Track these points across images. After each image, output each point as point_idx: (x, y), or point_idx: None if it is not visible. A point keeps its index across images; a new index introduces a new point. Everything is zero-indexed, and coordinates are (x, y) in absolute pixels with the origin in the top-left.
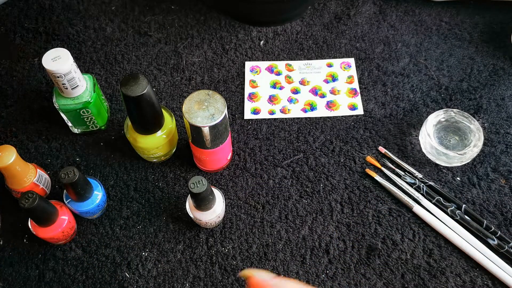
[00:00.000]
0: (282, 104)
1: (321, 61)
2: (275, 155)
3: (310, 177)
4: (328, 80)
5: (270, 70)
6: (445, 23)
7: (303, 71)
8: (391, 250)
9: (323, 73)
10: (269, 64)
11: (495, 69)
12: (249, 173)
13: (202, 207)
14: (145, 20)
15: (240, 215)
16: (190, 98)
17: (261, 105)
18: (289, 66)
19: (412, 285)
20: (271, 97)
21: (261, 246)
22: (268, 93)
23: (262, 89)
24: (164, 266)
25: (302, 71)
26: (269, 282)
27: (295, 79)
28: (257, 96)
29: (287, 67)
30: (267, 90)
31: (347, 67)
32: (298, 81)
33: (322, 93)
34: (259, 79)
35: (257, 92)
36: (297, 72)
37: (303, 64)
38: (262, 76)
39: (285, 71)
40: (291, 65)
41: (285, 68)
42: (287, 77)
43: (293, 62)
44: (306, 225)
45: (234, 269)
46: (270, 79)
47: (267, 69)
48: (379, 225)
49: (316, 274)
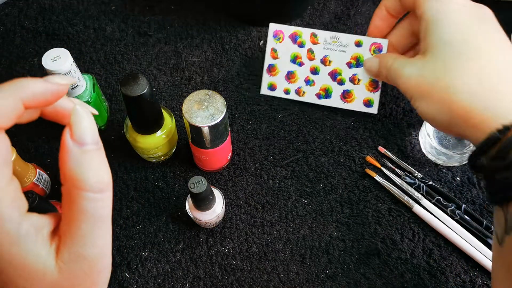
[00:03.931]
0: (298, 84)
1: (350, 36)
2: (274, 155)
3: (310, 177)
4: (352, 64)
5: (293, 38)
6: None
7: (328, 46)
8: (391, 250)
9: (348, 53)
10: (294, 30)
11: None
12: (248, 173)
13: (202, 207)
14: (145, 20)
15: (240, 215)
16: (190, 98)
17: (278, 81)
18: (314, 37)
19: (411, 285)
20: (289, 73)
21: (261, 246)
22: (287, 68)
23: (282, 62)
24: (164, 266)
25: (327, 45)
26: None
27: (318, 55)
28: (275, 70)
29: (312, 38)
30: (286, 64)
31: (377, 51)
32: (320, 59)
33: (341, 79)
34: (281, 48)
35: (277, 65)
36: (321, 47)
37: (329, 36)
38: (284, 45)
39: (309, 43)
40: (317, 35)
41: (309, 39)
42: (310, 51)
43: (320, 32)
44: (306, 225)
45: (234, 269)
46: (292, 51)
47: (290, 36)
48: (379, 225)
49: (316, 274)
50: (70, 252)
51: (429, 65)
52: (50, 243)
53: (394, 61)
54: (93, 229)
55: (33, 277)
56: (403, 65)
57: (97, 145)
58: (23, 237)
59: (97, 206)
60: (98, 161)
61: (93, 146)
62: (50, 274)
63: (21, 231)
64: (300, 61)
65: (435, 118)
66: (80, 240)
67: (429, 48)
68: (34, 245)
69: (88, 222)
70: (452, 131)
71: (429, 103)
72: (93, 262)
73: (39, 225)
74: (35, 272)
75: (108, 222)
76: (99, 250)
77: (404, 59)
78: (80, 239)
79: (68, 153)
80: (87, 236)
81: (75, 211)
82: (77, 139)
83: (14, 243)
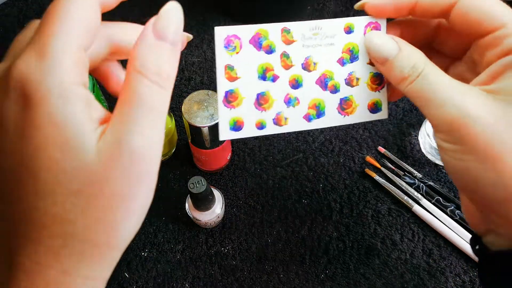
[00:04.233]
0: (275, 110)
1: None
2: (274, 155)
3: (310, 177)
4: (345, 59)
5: (256, 43)
6: None
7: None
8: (391, 250)
9: (338, 46)
10: (255, 31)
11: None
12: (248, 173)
13: (202, 207)
14: (145, 19)
15: (239, 215)
16: (190, 98)
17: (245, 114)
18: (287, 34)
19: (411, 285)
20: (260, 97)
21: (261, 246)
22: (254, 91)
23: (245, 84)
24: (163, 266)
25: (306, 42)
26: None
27: (296, 59)
28: (237, 97)
29: (284, 36)
30: (253, 84)
31: None
32: (301, 64)
33: (334, 85)
34: (240, 62)
35: (238, 89)
36: (299, 45)
37: (308, 28)
38: (244, 56)
39: (281, 44)
40: (290, 30)
41: (280, 38)
42: (284, 56)
43: (293, 25)
44: (306, 225)
45: (233, 269)
46: (258, 62)
47: (252, 41)
48: (379, 225)
49: (316, 274)
50: (114, 133)
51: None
52: (98, 124)
53: (429, 71)
54: (144, 117)
55: (68, 148)
56: (452, 89)
57: (173, 45)
58: (74, 99)
59: (153, 96)
60: (166, 58)
61: (168, 44)
62: (86, 153)
63: (75, 93)
64: (272, 74)
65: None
66: (128, 124)
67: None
68: (82, 114)
69: (141, 108)
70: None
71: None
72: (135, 156)
73: (92, 100)
74: (73, 143)
75: (161, 122)
76: (145, 143)
77: (447, 77)
78: (128, 123)
79: (143, 39)
80: (137, 122)
81: (130, 94)
82: (158, 30)
83: (65, 100)
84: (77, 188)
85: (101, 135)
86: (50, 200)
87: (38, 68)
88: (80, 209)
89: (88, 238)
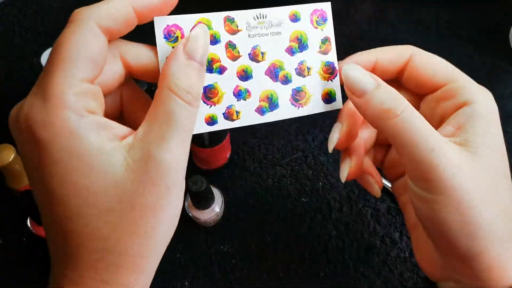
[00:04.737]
0: (225, 103)
1: (281, 9)
2: (274, 153)
3: (309, 176)
4: (294, 48)
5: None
6: (444, 22)
7: (254, 31)
8: (390, 248)
9: (285, 34)
10: (197, 20)
11: (494, 67)
12: (248, 172)
13: (201, 205)
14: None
15: (239, 214)
16: None
17: None
18: (231, 23)
19: (410, 283)
20: (208, 90)
21: (260, 244)
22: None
23: None
24: (163, 265)
25: (252, 31)
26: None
27: (243, 49)
28: None
29: (227, 26)
30: None
31: (321, 21)
32: (248, 54)
33: (285, 75)
34: None
35: None
36: (245, 35)
37: (252, 16)
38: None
39: (225, 34)
40: (234, 20)
41: (224, 28)
42: (230, 46)
43: (237, 14)
44: (305, 224)
45: (233, 268)
46: None
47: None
48: (378, 223)
49: (315, 273)
50: (144, 149)
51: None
52: (120, 140)
53: (412, 110)
54: (174, 135)
55: (93, 173)
56: (435, 136)
57: (201, 65)
58: (83, 128)
59: (183, 114)
60: (196, 77)
61: (197, 64)
62: (113, 171)
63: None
64: (219, 65)
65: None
66: (156, 139)
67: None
68: (97, 138)
69: (170, 125)
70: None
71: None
72: (162, 170)
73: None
74: (97, 166)
75: (188, 138)
76: (173, 158)
77: (427, 121)
78: (156, 139)
79: (175, 59)
80: (165, 137)
81: (161, 110)
82: (188, 51)
83: (73, 132)
84: (108, 206)
85: (128, 150)
86: (82, 222)
87: (43, 109)
88: (113, 225)
89: (123, 250)
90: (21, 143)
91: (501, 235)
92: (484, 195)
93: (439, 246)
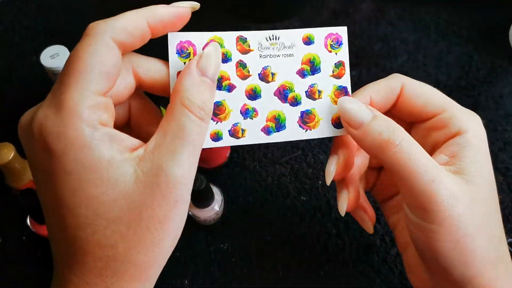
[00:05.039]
0: (232, 120)
1: (295, 32)
2: (273, 152)
3: (309, 174)
4: (305, 70)
5: None
6: (444, 21)
7: (266, 52)
8: (390, 247)
9: (297, 57)
10: (210, 38)
11: (493, 66)
12: (247, 171)
13: (201, 204)
14: None
15: (238, 212)
16: None
17: None
18: (243, 43)
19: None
20: (215, 106)
21: (260, 243)
22: None
23: None
24: None
25: (264, 51)
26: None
27: (253, 69)
28: None
29: (239, 45)
30: None
31: (335, 45)
32: (258, 74)
33: (294, 97)
34: None
35: None
36: (256, 55)
37: (265, 37)
38: None
39: (237, 54)
40: (246, 39)
41: (235, 47)
42: (240, 65)
43: (250, 34)
44: (305, 222)
45: (233, 267)
46: None
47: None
48: (378, 222)
49: (315, 272)
50: (153, 162)
51: (477, 196)
52: (130, 151)
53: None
54: (184, 149)
55: (104, 184)
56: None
57: (212, 82)
58: (96, 140)
59: (194, 129)
60: (208, 94)
61: (209, 80)
62: (123, 181)
63: (96, 135)
64: (228, 83)
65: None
66: (167, 153)
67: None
68: (108, 150)
69: (182, 139)
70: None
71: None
72: (172, 184)
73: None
74: (107, 177)
75: (198, 154)
76: (182, 173)
77: (426, 154)
78: (167, 153)
79: (189, 74)
80: (176, 152)
81: (173, 125)
82: (201, 68)
83: (87, 144)
84: (117, 216)
85: (138, 162)
86: (90, 230)
87: (57, 120)
88: (120, 234)
89: (128, 259)
90: (32, 151)
91: (493, 260)
92: (479, 222)
93: (432, 270)
